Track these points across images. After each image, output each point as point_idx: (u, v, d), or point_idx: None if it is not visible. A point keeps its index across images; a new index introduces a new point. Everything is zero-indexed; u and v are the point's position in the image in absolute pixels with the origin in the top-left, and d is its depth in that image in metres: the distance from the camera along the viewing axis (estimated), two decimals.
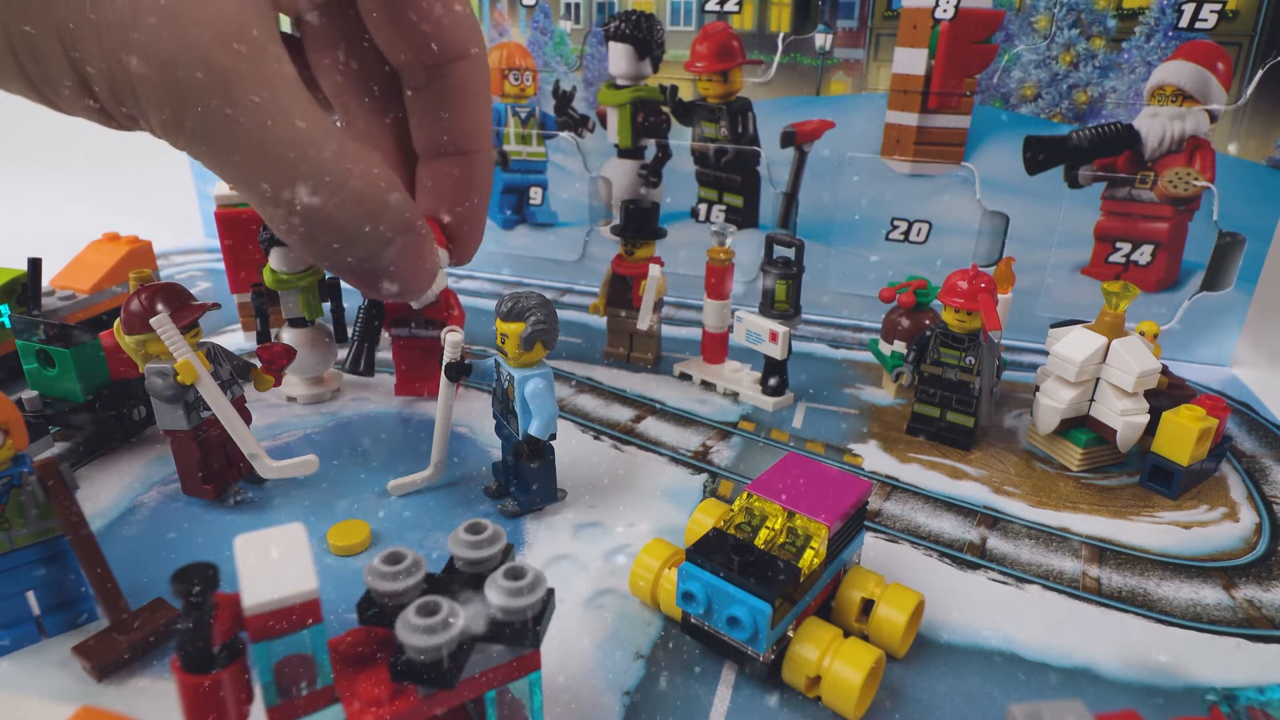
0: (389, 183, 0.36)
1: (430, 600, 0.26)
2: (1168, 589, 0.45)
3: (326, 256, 0.36)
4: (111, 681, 0.36)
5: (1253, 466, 0.57)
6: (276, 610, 0.24)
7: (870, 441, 0.59)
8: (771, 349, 0.61)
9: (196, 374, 0.44)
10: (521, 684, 0.30)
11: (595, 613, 0.41)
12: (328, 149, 0.32)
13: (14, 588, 0.37)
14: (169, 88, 0.27)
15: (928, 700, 0.37)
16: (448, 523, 0.48)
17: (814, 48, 0.73)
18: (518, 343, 0.45)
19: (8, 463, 0.36)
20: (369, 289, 0.38)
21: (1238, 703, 0.37)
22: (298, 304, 0.59)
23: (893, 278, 0.71)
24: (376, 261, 0.36)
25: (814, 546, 0.37)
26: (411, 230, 0.37)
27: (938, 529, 0.49)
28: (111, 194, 1.12)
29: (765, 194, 0.78)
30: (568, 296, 0.85)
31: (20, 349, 0.51)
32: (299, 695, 0.26)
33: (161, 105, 0.28)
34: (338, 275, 0.37)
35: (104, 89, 0.28)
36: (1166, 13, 0.64)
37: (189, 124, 0.28)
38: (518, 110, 0.82)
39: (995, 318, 0.55)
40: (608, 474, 0.53)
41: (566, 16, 0.77)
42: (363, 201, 0.34)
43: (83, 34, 0.26)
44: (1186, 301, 0.72)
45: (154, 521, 0.47)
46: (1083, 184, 0.70)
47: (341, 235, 0.34)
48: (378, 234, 0.35)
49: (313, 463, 0.48)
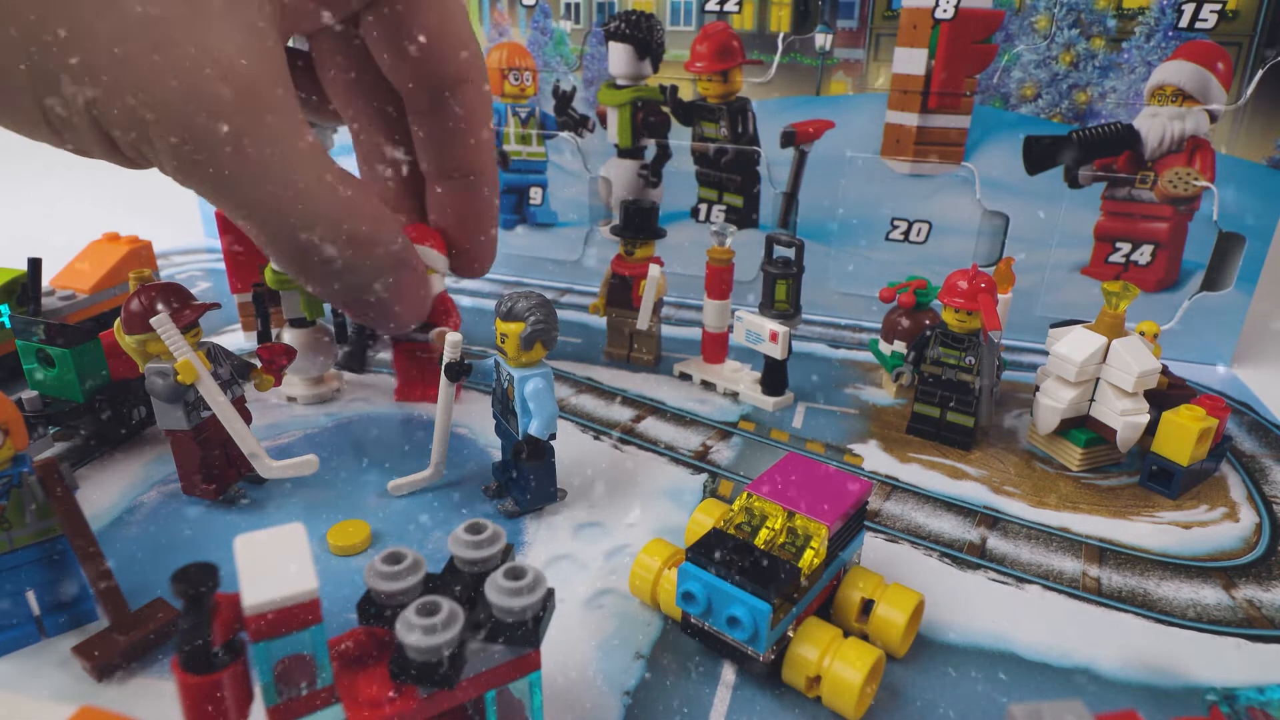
0: (382, 221, 0.36)
1: (430, 600, 0.26)
2: (1168, 589, 0.45)
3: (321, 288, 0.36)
4: (111, 681, 0.36)
5: (1253, 466, 0.57)
6: (276, 610, 0.24)
7: (870, 441, 0.59)
8: (771, 349, 0.61)
9: (196, 374, 0.44)
10: (521, 684, 0.30)
11: (595, 613, 0.41)
12: (326, 194, 0.33)
13: (14, 588, 0.37)
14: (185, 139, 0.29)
15: (928, 700, 0.37)
16: (448, 523, 0.48)
17: (814, 48, 0.73)
18: (517, 343, 0.45)
19: (8, 463, 0.36)
20: (363, 319, 0.39)
21: (1238, 703, 0.37)
22: (299, 304, 0.59)
23: (893, 278, 0.71)
24: (367, 295, 0.37)
25: (814, 546, 0.37)
26: (403, 266, 0.38)
27: (938, 529, 0.49)
28: (111, 194, 1.12)
29: (765, 194, 0.78)
30: (568, 296, 0.85)
31: (20, 349, 0.51)
32: (299, 695, 0.26)
33: (174, 153, 0.29)
34: (333, 305, 0.38)
35: (122, 137, 0.29)
36: (1166, 13, 0.64)
37: (198, 169, 0.30)
38: (518, 110, 0.82)
39: (995, 318, 0.55)
40: (608, 474, 0.53)
41: (566, 16, 0.77)
42: (355, 241, 0.35)
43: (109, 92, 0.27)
44: (1186, 301, 0.72)
45: (154, 521, 0.47)
46: (1083, 184, 0.70)
47: (333, 270, 0.35)
48: (368, 269, 0.36)
49: (313, 463, 0.48)
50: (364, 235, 0.35)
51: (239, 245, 0.68)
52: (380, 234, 0.36)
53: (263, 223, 0.32)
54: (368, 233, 0.35)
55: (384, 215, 0.37)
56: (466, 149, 0.44)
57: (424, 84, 0.42)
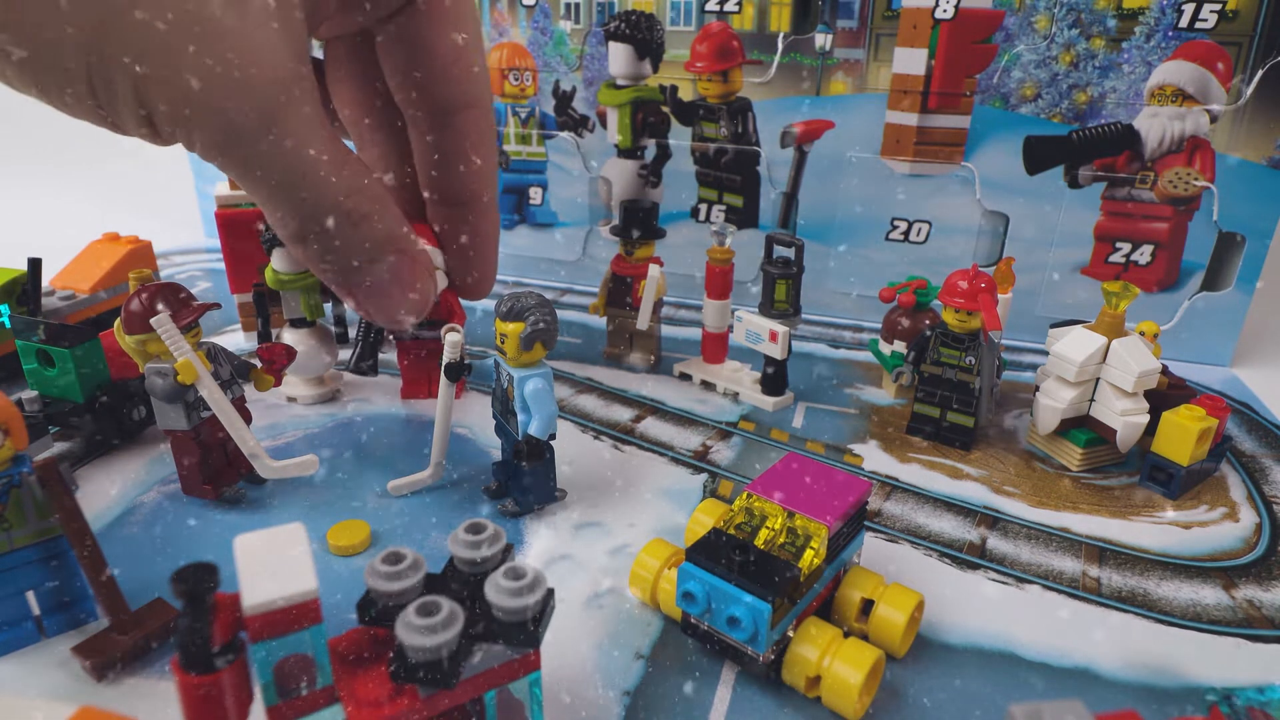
0: (386, 204, 0.37)
1: (430, 600, 0.26)
2: (1168, 589, 0.45)
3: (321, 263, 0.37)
4: (111, 681, 0.36)
5: (1253, 466, 0.57)
6: (276, 610, 0.24)
7: (870, 441, 0.59)
8: (771, 349, 0.61)
9: (196, 374, 0.44)
10: (521, 684, 0.30)
11: (595, 613, 0.41)
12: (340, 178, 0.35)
13: (14, 588, 0.37)
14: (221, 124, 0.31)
15: (928, 700, 0.37)
16: (448, 523, 0.48)
17: (814, 48, 0.73)
18: (517, 343, 0.45)
19: (8, 463, 0.36)
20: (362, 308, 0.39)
21: (1238, 703, 0.37)
22: (299, 304, 0.59)
23: (893, 278, 0.71)
24: (363, 276, 0.37)
25: (814, 546, 0.37)
26: (403, 252, 0.38)
27: (938, 529, 0.49)
28: (111, 194, 1.12)
29: (765, 194, 0.78)
30: (568, 296, 0.85)
31: (20, 349, 0.51)
32: (299, 695, 0.26)
33: (210, 135, 0.31)
34: (329, 285, 0.38)
35: (162, 120, 0.31)
36: (1166, 13, 0.64)
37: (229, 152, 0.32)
38: (518, 110, 0.82)
39: (995, 318, 0.55)
40: (608, 474, 0.53)
41: (566, 16, 0.77)
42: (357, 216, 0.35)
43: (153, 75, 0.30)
44: (1186, 301, 0.72)
45: (154, 521, 0.47)
46: (1083, 184, 0.70)
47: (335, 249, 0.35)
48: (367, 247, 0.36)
49: (313, 463, 0.48)
50: (365, 211, 0.36)
51: (240, 249, 0.68)
52: (384, 214, 0.37)
53: (283, 198, 0.34)
54: (369, 210, 0.36)
55: (389, 200, 0.38)
56: (469, 171, 0.44)
57: (430, 106, 0.42)
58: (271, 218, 0.36)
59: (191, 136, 0.31)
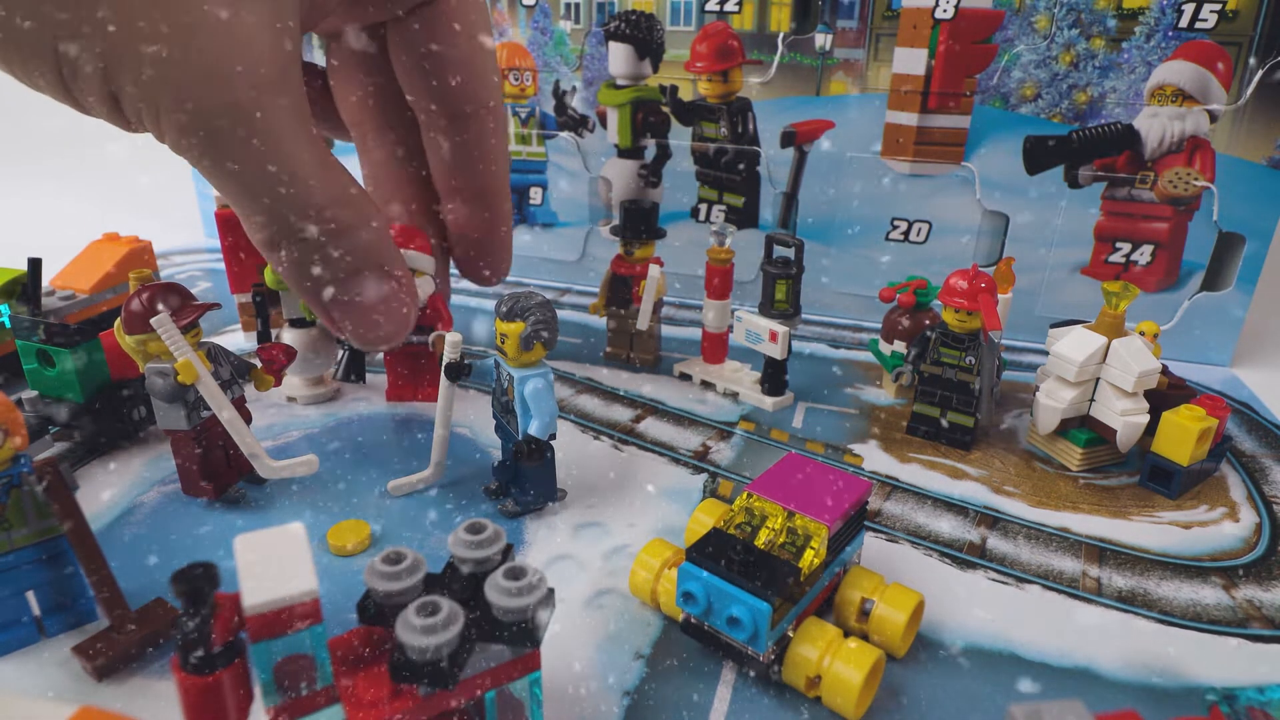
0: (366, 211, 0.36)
1: (430, 600, 0.26)
2: (1168, 589, 0.45)
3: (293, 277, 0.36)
4: (111, 681, 0.36)
5: (1253, 466, 0.57)
6: (276, 610, 0.24)
7: (870, 441, 0.59)
8: (771, 349, 0.61)
9: (196, 374, 0.44)
10: (521, 684, 0.30)
11: (595, 613, 0.41)
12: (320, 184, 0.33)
13: (14, 588, 0.37)
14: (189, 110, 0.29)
15: (928, 700, 0.37)
16: (448, 523, 0.48)
17: (814, 48, 0.73)
18: (517, 343, 0.45)
19: (8, 463, 0.36)
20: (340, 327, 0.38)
21: (1238, 703, 0.37)
22: (299, 304, 0.59)
23: (893, 278, 0.71)
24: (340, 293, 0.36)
25: (814, 546, 0.37)
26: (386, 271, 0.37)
27: (938, 529, 0.49)
28: (111, 194, 1.12)
29: (765, 194, 0.78)
30: (568, 296, 0.85)
31: (20, 349, 0.51)
32: (299, 695, 0.26)
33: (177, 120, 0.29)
34: (303, 299, 0.37)
35: (128, 102, 0.29)
36: (1166, 13, 0.64)
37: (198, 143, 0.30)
38: (518, 110, 0.82)
39: (995, 318, 0.55)
40: (608, 474, 0.53)
41: (566, 16, 0.77)
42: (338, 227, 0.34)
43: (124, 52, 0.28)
44: (1186, 301, 0.72)
45: (154, 521, 0.47)
46: (1083, 184, 0.70)
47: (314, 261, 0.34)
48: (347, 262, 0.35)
49: (313, 463, 0.48)
50: (347, 222, 0.34)
51: (240, 248, 0.68)
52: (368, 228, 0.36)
53: (255, 199, 0.32)
54: (352, 221, 0.35)
55: (374, 213, 0.36)
56: (481, 173, 0.44)
57: (451, 105, 0.42)
58: (245, 222, 0.34)
59: (160, 123, 0.30)
